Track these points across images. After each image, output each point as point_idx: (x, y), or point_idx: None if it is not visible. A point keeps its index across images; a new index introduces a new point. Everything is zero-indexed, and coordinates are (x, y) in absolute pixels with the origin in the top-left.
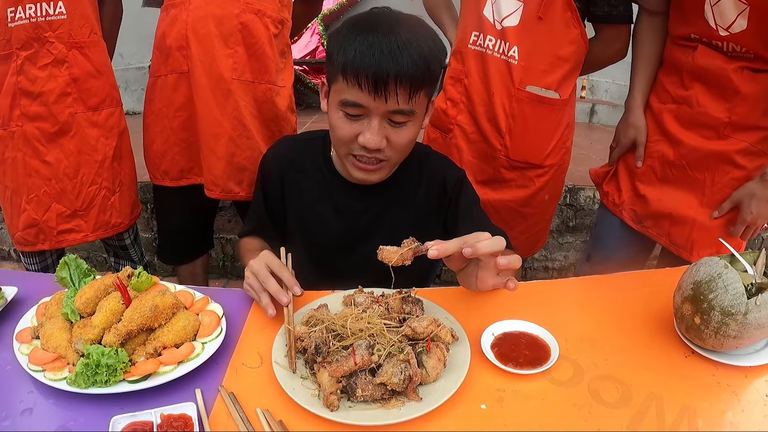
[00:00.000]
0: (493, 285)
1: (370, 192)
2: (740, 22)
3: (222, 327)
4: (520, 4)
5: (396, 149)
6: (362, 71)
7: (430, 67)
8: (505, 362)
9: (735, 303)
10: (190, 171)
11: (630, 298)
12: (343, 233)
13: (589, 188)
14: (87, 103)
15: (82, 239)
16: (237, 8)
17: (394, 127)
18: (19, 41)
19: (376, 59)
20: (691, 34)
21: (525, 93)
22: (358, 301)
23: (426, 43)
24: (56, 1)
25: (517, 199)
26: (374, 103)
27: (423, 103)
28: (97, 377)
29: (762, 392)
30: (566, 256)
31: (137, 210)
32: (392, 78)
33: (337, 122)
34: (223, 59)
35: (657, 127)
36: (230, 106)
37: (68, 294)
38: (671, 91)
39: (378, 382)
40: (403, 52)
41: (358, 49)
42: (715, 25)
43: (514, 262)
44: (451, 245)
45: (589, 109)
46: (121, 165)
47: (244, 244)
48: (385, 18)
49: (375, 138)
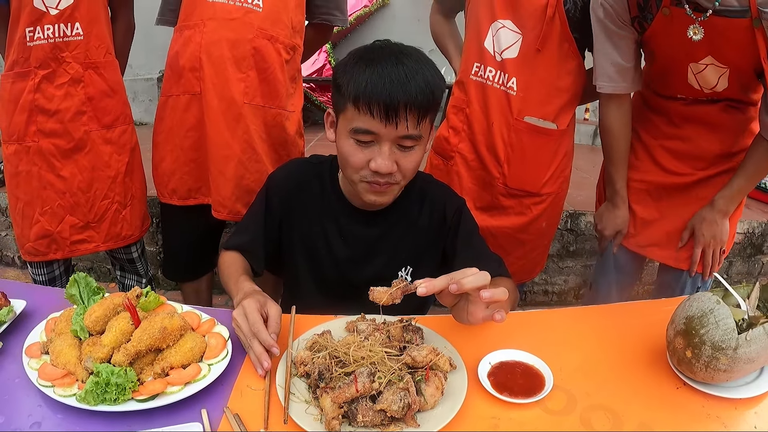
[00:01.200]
0: (482, 318)
1: (374, 217)
2: (722, 82)
3: (228, 349)
4: (519, 36)
5: (405, 172)
6: (374, 100)
7: (435, 94)
8: (500, 391)
9: (726, 338)
10: (198, 191)
11: (624, 328)
12: (346, 257)
13: (590, 213)
14: (101, 122)
15: (94, 249)
16: (251, 33)
17: (403, 152)
18: (37, 60)
19: (387, 89)
20: (677, 95)
21: (523, 123)
22: (361, 329)
23: (429, 72)
24: (73, 23)
25: (515, 226)
26: (385, 129)
27: (428, 127)
28: (106, 395)
29: (751, 424)
30: (566, 281)
31: (147, 223)
32: (402, 105)
33: (349, 150)
34: (236, 83)
35: (650, 160)
36: (240, 130)
37: (77, 311)
38: (662, 128)
39: (378, 408)
40: (411, 81)
41: (369, 80)
42: (699, 87)
43: (498, 295)
44: (439, 282)
45: (592, 131)
46: (132, 180)
47: (226, 258)
48: (390, 50)
49: (386, 163)
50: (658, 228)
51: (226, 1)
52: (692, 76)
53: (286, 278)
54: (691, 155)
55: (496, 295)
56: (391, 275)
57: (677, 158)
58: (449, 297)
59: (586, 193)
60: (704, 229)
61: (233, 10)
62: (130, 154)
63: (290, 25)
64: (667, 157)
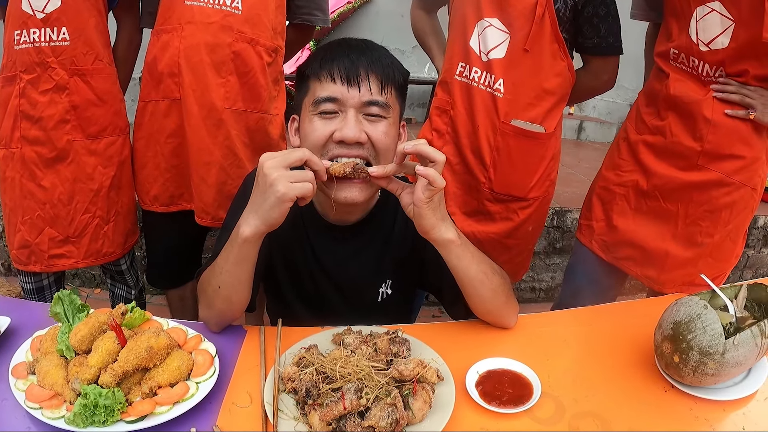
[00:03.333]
0: (422, 190)
1: (349, 232)
2: (722, 39)
3: (215, 366)
4: (506, 36)
5: (376, 142)
6: (335, 64)
7: (397, 68)
8: (489, 401)
9: (713, 343)
10: (180, 197)
11: (611, 330)
12: (324, 271)
13: (576, 210)
14: (86, 131)
15: (73, 265)
16: (230, 37)
17: (371, 122)
18: (23, 64)
19: (347, 54)
20: (671, 49)
21: (510, 126)
22: (347, 342)
23: (391, 55)
24: (60, 27)
25: (501, 232)
26: (348, 93)
27: (396, 101)
28: (95, 417)
29: (739, 425)
30: (553, 277)
31: (132, 239)
32: (363, 68)
33: (312, 126)
34: (216, 88)
35: (632, 158)
36: (221, 135)
37: (62, 330)
38: (648, 122)
39: (366, 425)
40: (373, 51)
41: (330, 51)
42: (696, 39)
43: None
44: (390, 166)
45: (577, 125)
46: (118, 194)
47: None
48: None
49: (353, 129)
50: (634, 240)
51: (204, 4)
52: (694, 23)
53: (268, 287)
54: (671, 152)
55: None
56: (371, 288)
57: (658, 156)
58: (408, 196)
59: (572, 190)
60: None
61: (211, 14)
62: (117, 168)
63: (271, 27)
64: (649, 155)
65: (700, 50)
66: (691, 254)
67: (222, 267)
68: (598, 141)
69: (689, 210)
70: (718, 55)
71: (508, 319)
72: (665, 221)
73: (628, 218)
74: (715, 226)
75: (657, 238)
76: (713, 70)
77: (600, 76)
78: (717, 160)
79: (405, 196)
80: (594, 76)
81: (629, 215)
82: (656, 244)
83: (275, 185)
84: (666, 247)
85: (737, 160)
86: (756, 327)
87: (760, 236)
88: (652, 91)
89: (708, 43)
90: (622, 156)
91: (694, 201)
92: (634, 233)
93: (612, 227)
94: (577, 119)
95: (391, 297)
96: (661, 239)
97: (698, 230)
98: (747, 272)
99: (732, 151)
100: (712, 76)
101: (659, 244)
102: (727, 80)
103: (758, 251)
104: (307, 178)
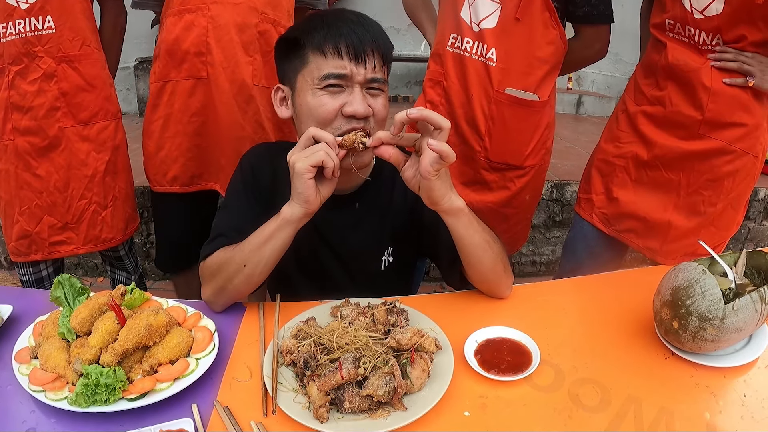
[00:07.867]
0: (431, 166)
1: (346, 202)
2: (716, 5)
3: (215, 342)
4: (497, 6)
5: (378, 116)
6: (342, 41)
7: (390, 45)
8: (487, 369)
9: (712, 309)
10: (200, 177)
11: (611, 299)
12: (323, 243)
13: (575, 183)
14: (77, 117)
15: (73, 251)
16: (256, 18)
17: (373, 96)
18: (11, 56)
19: (353, 30)
20: (666, 20)
21: (504, 95)
22: (345, 314)
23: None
24: (44, 16)
25: (498, 201)
26: (356, 70)
27: (386, 79)
28: (96, 396)
29: (740, 392)
30: (553, 251)
31: (133, 225)
32: (369, 45)
33: (318, 101)
34: (245, 66)
35: (632, 129)
36: (251, 111)
37: (63, 313)
38: (647, 93)
39: (364, 394)
40: (372, 26)
41: (332, 24)
42: (690, 7)
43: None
44: (385, 134)
45: (575, 100)
46: (115, 180)
47: (222, 253)
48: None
49: (362, 104)
50: (635, 211)
51: None
52: None
53: None
54: (672, 122)
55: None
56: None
57: (658, 126)
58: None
59: (571, 163)
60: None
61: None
62: (111, 153)
63: (288, 9)
64: (649, 126)
65: (695, 18)
66: (693, 224)
67: (254, 245)
68: (597, 115)
69: (691, 179)
70: (713, 22)
71: (505, 287)
72: (667, 191)
73: (628, 190)
74: (718, 195)
75: (659, 208)
76: (710, 38)
77: (592, 45)
78: (718, 128)
79: (408, 169)
80: (586, 45)
81: (630, 187)
82: (658, 214)
83: (294, 165)
84: (668, 218)
85: (739, 127)
86: (756, 293)
87: (760, 209)
88: (650, 62)
89: (702, 10)
90: (621, 128)
91: (696, 170)
92: (635, 205)
93: (612, 200)
94: (576, 93)
95: (392, 265)
96: (663, 210)
97: (701, 199)
98: (748, 245)
99: (733, 118)
100: (710, 44)
101: (661, 214)
102: (724, 48)
103: (759, 224)
104: (317, 149)
